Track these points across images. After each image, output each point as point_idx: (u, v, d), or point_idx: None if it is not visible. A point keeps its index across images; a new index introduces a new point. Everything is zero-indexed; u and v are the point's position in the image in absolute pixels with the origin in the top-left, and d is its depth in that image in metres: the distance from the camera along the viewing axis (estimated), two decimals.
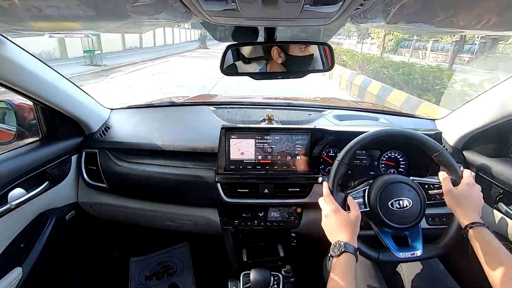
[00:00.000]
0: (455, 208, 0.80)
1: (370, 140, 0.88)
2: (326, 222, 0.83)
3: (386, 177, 0.89)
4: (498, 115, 1.00)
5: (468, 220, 0.75)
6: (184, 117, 1.39)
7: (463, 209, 0.78)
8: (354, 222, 0.79)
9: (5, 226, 0.97)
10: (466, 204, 0.78)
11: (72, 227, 1.26)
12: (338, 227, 0.79)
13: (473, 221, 0.74)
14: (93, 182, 1.21)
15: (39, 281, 1.07)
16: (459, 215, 0.78)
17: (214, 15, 0.58)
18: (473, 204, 0.79)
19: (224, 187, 1.11)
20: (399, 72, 7.34)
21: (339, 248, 0.74)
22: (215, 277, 1.62)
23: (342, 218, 0.79)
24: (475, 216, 0.76)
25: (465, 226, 0.75)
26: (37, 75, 0.94)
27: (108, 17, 0.52)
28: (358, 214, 0.81)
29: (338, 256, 0.73)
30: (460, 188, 0.81)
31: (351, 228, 0.78)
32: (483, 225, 0.74)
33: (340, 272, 0.70)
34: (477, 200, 0.80)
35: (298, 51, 0.94)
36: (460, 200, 0.79)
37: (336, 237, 0.77)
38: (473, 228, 0.73)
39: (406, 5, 0.43)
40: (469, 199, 0.79)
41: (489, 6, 0.40)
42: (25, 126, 1.12)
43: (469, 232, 0.74)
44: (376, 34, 19.73)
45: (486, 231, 0.72)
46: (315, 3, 0.46)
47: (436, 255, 0.83)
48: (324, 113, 1.37)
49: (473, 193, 0.80)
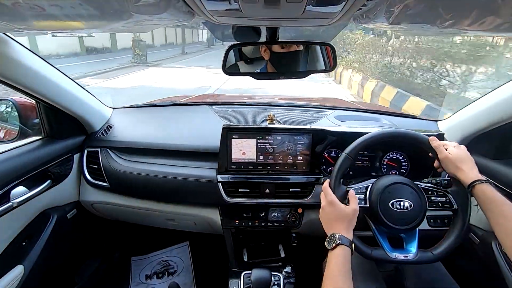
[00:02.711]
0: (456, 171, 0.81)
1: (380, 138, 0.88)
2: (322, 214, 0.83)
3: (391, 177, 0.89)
4: (501, 116, 0.99)
5: (471, 178, 0.77)
6: (186, 116, 1.39)
7: (461, 171, 0.80)
8: (350, 215, 0.80)
9: (7, 224, 0.98)
10: (464, 164, 0.80)
11: (74, 225, 1.27)
12: (334, 220, 0.79)
13: (475, 179, 0.76)
14: (95, 181, 1.21)
15: (41, 279, 1.08)
16: (462, 176, 0.79)
17: (216, 15, 0.58)
18: (469, 162, 0.81)
19: (225, 187, 1.11)
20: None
21: (334, 240, 0.74)
22: (216, 277, 1.62)
23: (338, 211, 0.80)
24: (476, 173, 0.78)
25: (469, 185, 0.77)
26: (40, 74, 0.95)
27: (111, 16, 0.52)
28: (356, 208, 0.81)
29: (333, 249, 0.73)
30: (453, 152, 0.83)
31: (346, 221, 0.78)
32: (485, 181, 0.75)
33: (335, 264, 0.70)
34: (470, 159, 0.82)
35: (279, 48, 0.95)
36: (458, 162, 0.81)
37: (331, 230, 0.78)
38: (476, 187, 0.75)
39: (409, 6, 0.43)
40: (463, 160, 0.81)
41: (493, 7, 0.39)
42: (28, 124, 1.13)
43: (474, 190, 0.76)
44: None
45: (488, 187, 0.74)
46: (317, 3, 0.46)
47: (429, 262, 0.82)
48: (325, 114, 1.36)
49: (464, 153, 0.83)
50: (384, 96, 6.62)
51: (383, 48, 8.32)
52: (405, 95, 5.86)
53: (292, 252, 1.27)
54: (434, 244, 0.84)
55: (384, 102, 6.38)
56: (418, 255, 0.81)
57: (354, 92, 8.59)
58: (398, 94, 6.16)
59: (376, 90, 7.12)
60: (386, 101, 6.36)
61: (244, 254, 1.27)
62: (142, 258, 1.81)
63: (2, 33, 0.80)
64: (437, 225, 1.05)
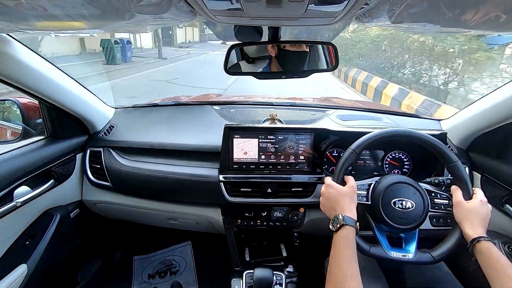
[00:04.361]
0: (462, 221, 0.79)
1: (386, 136, 0.88)
2: (323, 200, 0.84)
3: (395, 176, 0.89)
4: (504, 116, 0.99)
5: (475, 234, 0.74)
6: (188, 116, 1.39)
7: (470, 223, 0.77)
8: (349, 192, 0.80)
9: (10, 223, 0.99)
10: (475, 219, 0.77)
11: (77, 225, 1.27)
12: (334, 201, 0.80)
13: (480, 235, 0.73)
14: (97, 180, 1.22)
15: (44, 278, 1.09)
16: (466, 228, 0.77)
17: (218, 15, 0.58)
18: (481, 220, 0.78)
19: (227, 186, 1.11)
20: None
21: (337, 221, 0.74)
22: (218, 276, 1.62)
23: (337, 191, 0.81)
24: (482, 230, 0.75)
25: (472, 240, 0.74)
26: (43, 74, 0.95)
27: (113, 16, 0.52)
28: (353, 184, 0.83)
29: (338, 231, 0.74)
30: (472, 203, 0.80)
31: (347, 199, 0.79)
32: (490, 240, 0.73)
33: (339, 246, 0.71)
34: (486, 218, 0.79)
35: (290, 46, 0.95)
36: (469, 214, 0.78)
37: (334, 212, 0.78)
38: (480, 243, 0.72)
39: (412, 4, 0.43)
40: (479, 215, 0.78)
41: (497, 4, 0.39)
42: (31, 124, 1.13)
43: (475, 246, 0.73)
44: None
45: (493, 246, 0.71)
46: (319, 2, 0.46)
47: (427, 263, 0.81)
48: (327, 113, 1.36)
49: (483, 211, 0.79)
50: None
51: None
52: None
53: (294, 252, 1.27)
54: (436, 244, 0.84)
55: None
56: (416, 255, 0.81)
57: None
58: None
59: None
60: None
61: (246, 254, 1.27)
62: (144, 258, 1.81)
63: (4, 34, 0.81)
64: (440, 225, 1.04)
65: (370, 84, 7.96)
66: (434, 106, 5.29)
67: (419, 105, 5.62)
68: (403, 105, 6.03)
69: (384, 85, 7.33)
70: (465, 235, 0.77)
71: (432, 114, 4.99)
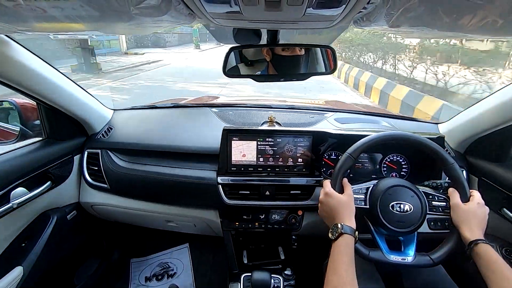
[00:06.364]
0: (460, 224, 0.79)
1: (383, 140, 0.89)
2: (321, 207, 0.85)
3: (393, 179, 0.89)
4: (501, 119, 0.99)
5: (473, 237, 0.74)
6: (187, 118, 1.39)
7: (468, 225, 0.77)
8: (348, 201, 0.80)
9: (6, 225, 0.98)
10: (473, 221, 0.77)
11: (74, 227, 1.26)
12: (334, 210, 0.80)
13: (478, 238, 0.73)
14: (95, 182, 1.21)
15: (40, 281, 1.07)
16: (464, 231, 0.77)
17: (217, 18, 0.58)
18: (479, 222, 0.78)
19: (225, 188, 1.11)
20: None
21: (337, 230, 0.74)
22: (216, 279, 1.62)
23: (335, 200, 0.81)
24: (480, 233, 0.75)
25: (470, 242, 0.74)
26: (41, 75, 0.95)
27: (112, 18, 0.52)
28: (351, 193, 0.83)
29: (336, 239, 0.74)
30: (469, 205, 0.80)
31: (346, 208, 0.79)
32: (488, 243, 0.73)
33: (337, 254, 0.71)
34: (483, 220, 0.79)
35: (282, 51, 0.96)
36: (466, 217, 0.78)
37: (333, 221, 0.78)
38: (478, 245, 0.72)
39: (410, 9, 0.43)
40: (476, 218, 0.78)
41: (494, 9, 0.39)
42: (29, 126, 1.13)
43: (473, 249, 0.73)
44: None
45: (491, 249, 0.71)
46: (318, 6, 0.46)
47: (427, 266, 0.81)
48: (326, 116, 1.36)
49: (481, 213, 0.79)
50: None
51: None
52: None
53: (292, 255, 1.27)
54: (434, 247, 0.84)
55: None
56: (415, 258, 0.81)
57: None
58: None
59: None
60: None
61: (244, 256, 1.27)
62: (141, 260, 1.80)
63: (3, 35, 0.80)
64: (438, 228, 1.04)
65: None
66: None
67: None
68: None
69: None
70: (463, 237, 0.77)
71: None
